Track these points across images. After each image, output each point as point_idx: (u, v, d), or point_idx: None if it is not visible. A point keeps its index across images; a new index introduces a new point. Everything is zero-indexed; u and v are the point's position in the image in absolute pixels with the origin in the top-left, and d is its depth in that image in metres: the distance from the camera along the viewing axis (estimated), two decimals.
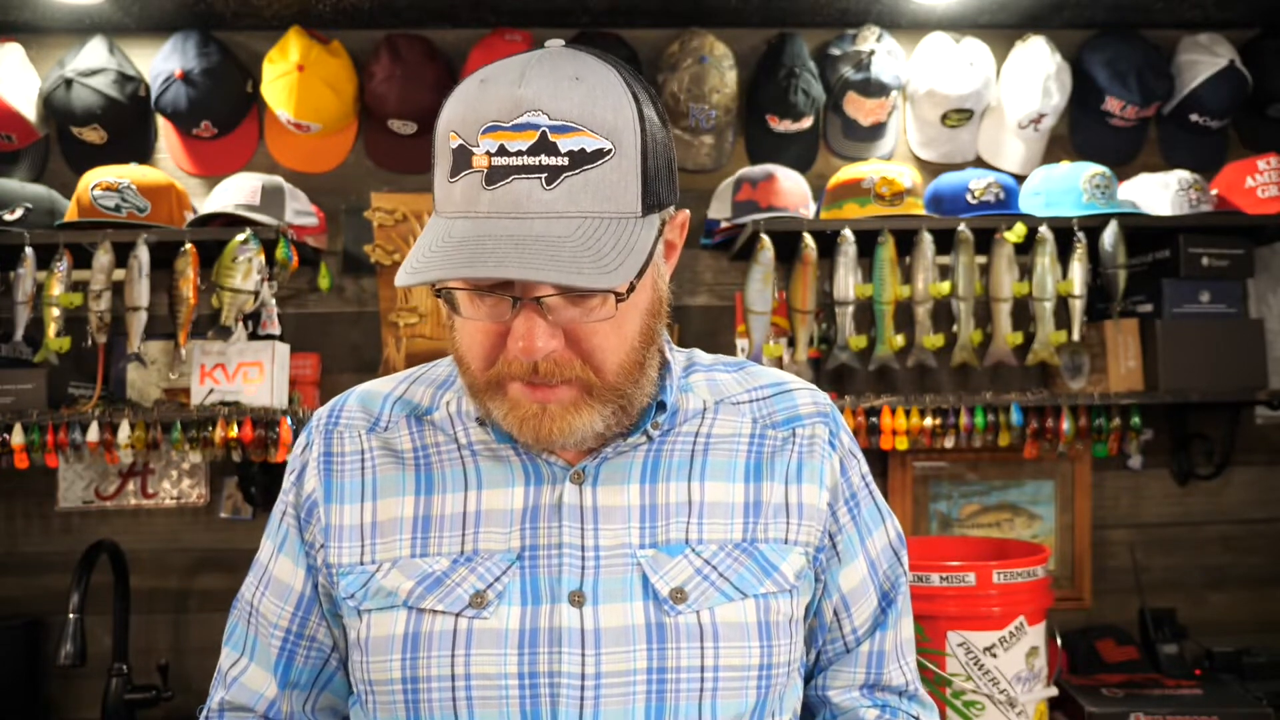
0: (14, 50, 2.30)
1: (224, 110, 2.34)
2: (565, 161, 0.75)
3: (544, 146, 0.75)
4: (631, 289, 0.79)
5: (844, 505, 0.97)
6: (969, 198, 2.21)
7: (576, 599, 0.86)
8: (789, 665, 0.92)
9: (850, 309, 2.21)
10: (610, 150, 0.77)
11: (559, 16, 2.36)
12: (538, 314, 0.78)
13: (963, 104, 2.36)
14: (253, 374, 2.17)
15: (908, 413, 2.19)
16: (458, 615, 0.86)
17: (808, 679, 1.01)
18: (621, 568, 0.88)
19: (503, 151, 0.76)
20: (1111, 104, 2.40)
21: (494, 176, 0.76)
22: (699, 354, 1.03)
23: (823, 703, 1.00)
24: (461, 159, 0.78)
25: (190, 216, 2.19)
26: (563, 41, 0.85)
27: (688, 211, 0.94)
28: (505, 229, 0.75)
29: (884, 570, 1.00)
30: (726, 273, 2.44)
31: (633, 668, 0.85)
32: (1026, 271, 2.21)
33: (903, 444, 2.20)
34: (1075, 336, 2.23)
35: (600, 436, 0.88)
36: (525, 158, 0.75)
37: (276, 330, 2.23)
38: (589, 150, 0.76)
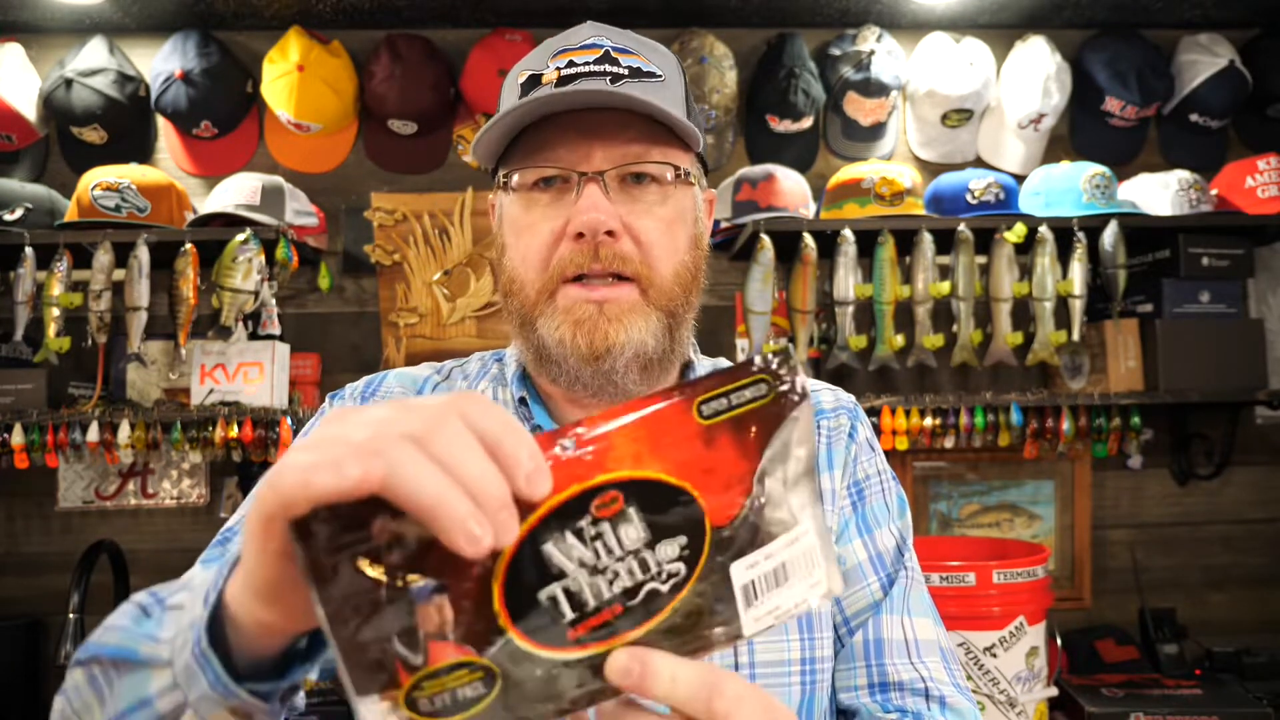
0: (14, 50, 2.30)
1: (224, 110, 2.34)
2: (625, 72, 0.84)
3: (607, 59, 0.85)
4: (689, 172, 0.87)
5: (846, 491, 0.96)
6: (969, 198, 2.21)
7: None
8: (830, 660, 0.90)
9: (850, 309, 2.21)
10: (661, 76, 0.86)
11: (559, 17, 2.36)
12: (600, 189, 0.83)
13: (963, 104, 2.36)
14: (253, 374, 2.17)
15: (908, 413, 2.19)
16: None
17: None
18: None
19: (571, 65, 0.84)
20: (1111, 104, 2.40)
21: (563, 83, 0.84)
22: (724, 362, 1.05)
23: (839, 713, 0.96)
24: (530, 84, 0.85)
25: (190, 216, 2.19)
26: None
27: (715, 191, 0.97)
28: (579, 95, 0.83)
29: (889, 564, 0.95)
30: (726, 273, 2.44)
31: None
32: (1026, 271, 2.21)
33: (903, 444, 2.20)
34: (1075, 336, 2.23)
35: (646, 365, 0.87)
36: (591, 66, 0.84)
37: (276, 330, 2.23)
38: (644, 70, 0.85)
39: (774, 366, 0.49)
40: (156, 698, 0.56)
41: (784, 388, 0.49)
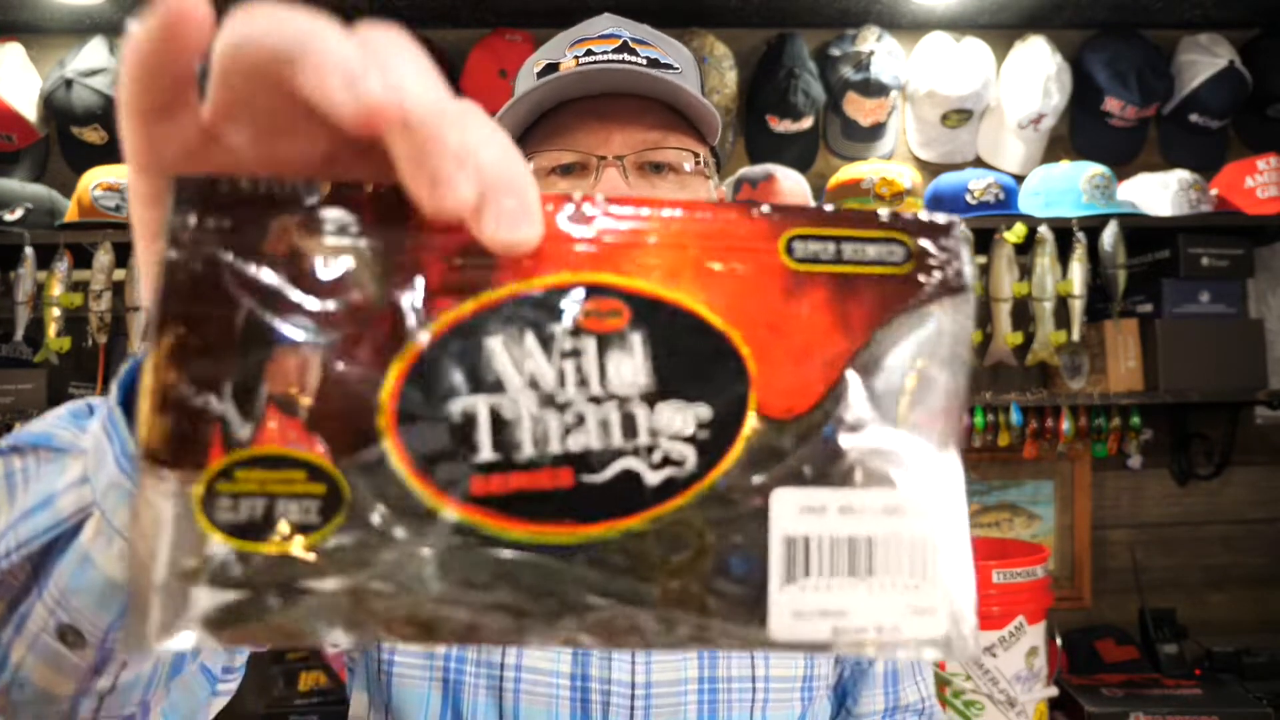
0: (14, 50, 2.30)
1: None
2: (644, 62, 0.84)
3: (625, 49, 0.85)
4: (706, 163, 0.86)
5: None
6: (968, 198, 2.21)
7: None
8: (824, 679, 0.90)
9: None
10: (678, 68, 0.86)
11: (559, 17, 2.35)
12: (619, 173, 0.82)
13: (962, 104, 2.36)
14: None
15: None
16: None
17: (836, 704, 0.98)
18: None
19: (589, 54, 0.84)
20: (1111, 104, 2.40)
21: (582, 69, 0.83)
22: None
23: None
24: (546, 73, 0.84)
25: None
26: None
27: (724, 189, 0.96)
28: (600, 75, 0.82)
29: None
30: None
31: (683, 677, 0.83)
32: (1026, 271, 2.21)
33: None
34: (1075, 336, 2.23)
35: None
36: (610, 54, 0.84)
37: None
38: (661, 61, 0.85)
39: (926, 226, 0.31)
40: (60, 494, 0.44)
41: (932, 261, 0.31)
